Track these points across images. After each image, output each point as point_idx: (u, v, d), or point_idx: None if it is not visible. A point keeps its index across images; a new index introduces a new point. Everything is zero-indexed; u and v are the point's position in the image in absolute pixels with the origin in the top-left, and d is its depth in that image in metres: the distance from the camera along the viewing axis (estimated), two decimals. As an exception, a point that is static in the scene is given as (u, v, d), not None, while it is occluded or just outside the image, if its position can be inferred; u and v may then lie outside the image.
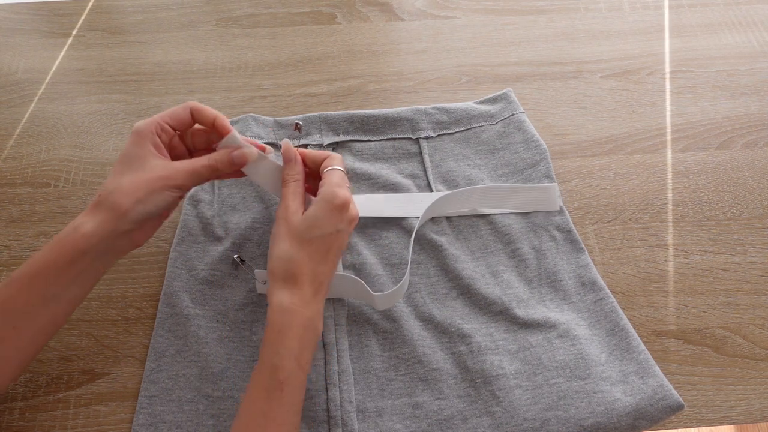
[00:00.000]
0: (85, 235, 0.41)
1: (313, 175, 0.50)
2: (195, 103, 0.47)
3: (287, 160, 0.48)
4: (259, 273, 0.52)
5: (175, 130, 0.47)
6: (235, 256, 0.54)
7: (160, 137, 0.45)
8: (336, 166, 0.47)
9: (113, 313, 0.53)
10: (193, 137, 0.49)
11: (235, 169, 0.47)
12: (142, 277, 0.55)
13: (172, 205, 0.46)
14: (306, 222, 0.43)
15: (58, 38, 0.76)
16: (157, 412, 0.47)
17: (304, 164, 0.49)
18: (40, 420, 0.48)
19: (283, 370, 0.40)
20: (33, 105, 0.69)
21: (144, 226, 0.45)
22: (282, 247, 0.43)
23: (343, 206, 0.44)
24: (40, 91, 0.70)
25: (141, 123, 0.45)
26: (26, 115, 0.68)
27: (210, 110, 0.47)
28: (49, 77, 0.72)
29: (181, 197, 0.46)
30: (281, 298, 0.41)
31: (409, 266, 0.51)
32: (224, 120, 0.47)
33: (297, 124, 0.51)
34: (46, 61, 0.74)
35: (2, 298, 0.40)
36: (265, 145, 0.50)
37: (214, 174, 0.46)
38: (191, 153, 0.50)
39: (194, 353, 0.49)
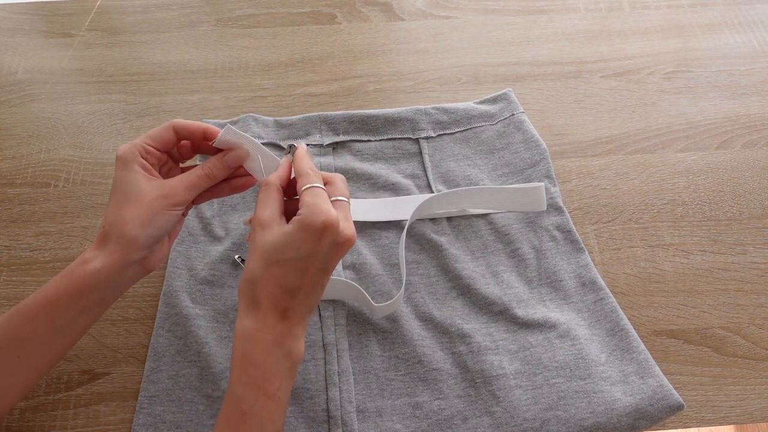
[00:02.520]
0: (94, 270, 0.40)
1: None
2: (178, 121, 0.44)
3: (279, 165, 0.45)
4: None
5: (160, 151, 0.44)
6: (236, 256, 0.54)
7: (147, 160, 0.43)
8: (314, 183, 0.41)
9: (113, 313, 0.53)
10: (179, 150, 0.47)
11: (230, 173, 0.46)
12: (142, 277, 0.55)
13: (177, 224, 0.46)
14: (278, 241, 0.39)
15: (58, 38, 0.76)
16: (157, 412, 0.47)
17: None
18: (40, 420, 0.48)
19: (245, 401, 0.37)
20: (33, 105, 0.69)
21: (153, 250, 0.44)
22: (248, 265, 0.39)
23: (324, 228, 0.38)
24: (40, 91, 0.70)
25: (123, 148, 0.43)
26: (26, 115, 0.68)
27: (195, 124, 0.45)
28: (48, 77, 0.72)
29: (184, 214, 0.46)
30: (245, 323, 0.39)
31: (404, 273, 0.51)
32: (214, 128, 0.45)
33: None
34: (46, 61, 0.74)
35: (7, 328, 0.40)
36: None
37: (211, 181, 0.45)
38: (184, 170, 0.47)
39: (194, 353, 0.49)
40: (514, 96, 0.66)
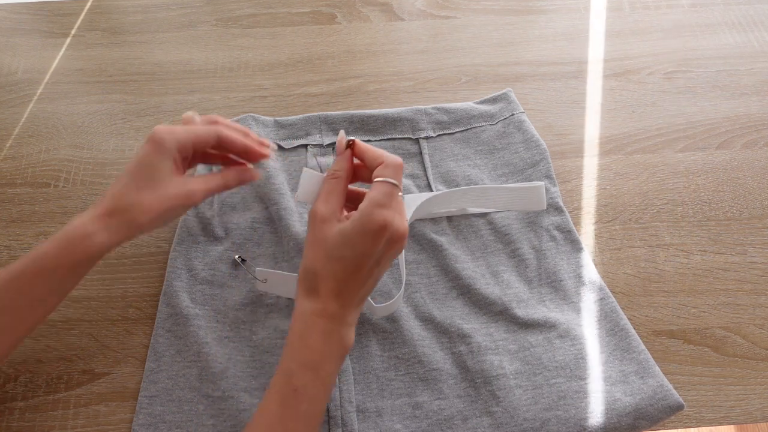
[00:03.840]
0: (99, 245, 0.41)
1: (363, 175, 0.46)
2: (223, 132, 0.45)
3: (337, 152, 0.45)
4: (259, 272, 0.52)
5: (195, 150, 0.45)
6: (236, 256, 0.54)
7: (180, 153, 0.44)
8: (387, 177, 0.42)
9: (113, 313, 0.53)
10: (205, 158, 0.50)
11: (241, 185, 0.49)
12: (142, 277, 0.55)
13: (180, 216, 0.48)
14: (337, 239, 0.41)
15: (57, 38, 0.76)
16: (157, 412, 0.47)
17: (363, 161, 0.45)
18: (40, 420, 0.48)
19: (297, 377, 0.39)
20: (33, 105, 0.69)
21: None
22: (309, 256, 0.41)
23: (380, 231, 0.40)
24: (40, 90, 0.70)
25: (163, 133, 0.43)
26: (26, 115, 0.68)
27: (240, 140, 0.46)
28: (48, 77, 0.72)
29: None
30: (304, 306, 0.41)
31: (404, 273, 0.51)
32: (256, 150, 0.47)
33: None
34: (45, 61, 0.74)
35: (4, 296, 0.40)
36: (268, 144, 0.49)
37: (225, 190, 0.48)
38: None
39: (194, 353, 0.49)
40: (514, 96, 0.66)
